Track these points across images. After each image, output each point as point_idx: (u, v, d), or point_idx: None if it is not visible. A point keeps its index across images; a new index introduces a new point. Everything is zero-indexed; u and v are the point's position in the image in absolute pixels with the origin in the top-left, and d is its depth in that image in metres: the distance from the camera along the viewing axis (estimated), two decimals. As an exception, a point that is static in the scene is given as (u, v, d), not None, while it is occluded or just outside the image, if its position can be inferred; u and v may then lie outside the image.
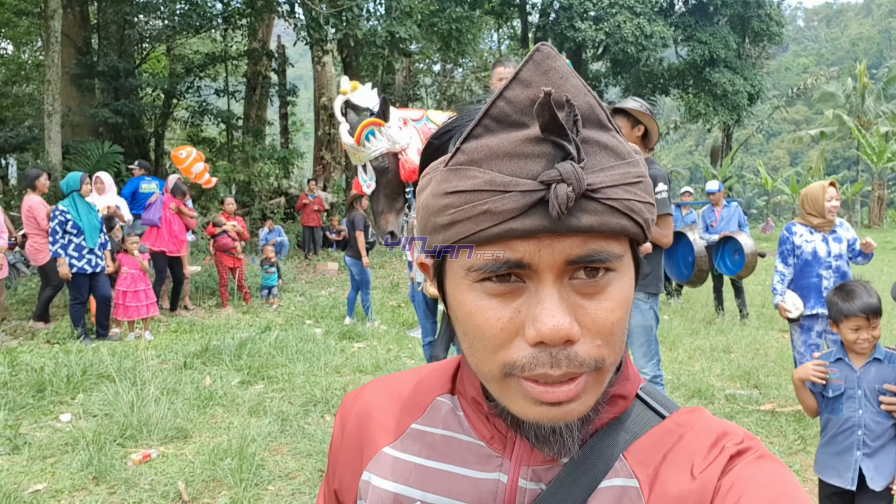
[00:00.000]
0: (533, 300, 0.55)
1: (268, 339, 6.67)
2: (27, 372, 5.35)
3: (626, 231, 0.56)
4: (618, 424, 0.65)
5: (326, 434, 4.26)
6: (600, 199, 0.54)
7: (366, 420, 0.74)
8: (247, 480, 3.52)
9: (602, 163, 0.55)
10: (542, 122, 0.53)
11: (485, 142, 0.55)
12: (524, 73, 0.55)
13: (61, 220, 6.61)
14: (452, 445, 0.68)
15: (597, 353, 0.56)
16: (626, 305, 0.59)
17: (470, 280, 0.58)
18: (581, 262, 0.55)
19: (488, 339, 0.57)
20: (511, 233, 0.54)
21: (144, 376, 5.15)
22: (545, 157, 0.54)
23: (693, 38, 25.62)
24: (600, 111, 0.57)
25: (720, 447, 0.62)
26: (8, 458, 3.89)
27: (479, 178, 0.55)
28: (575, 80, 0.56)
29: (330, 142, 23.22)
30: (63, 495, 3.45)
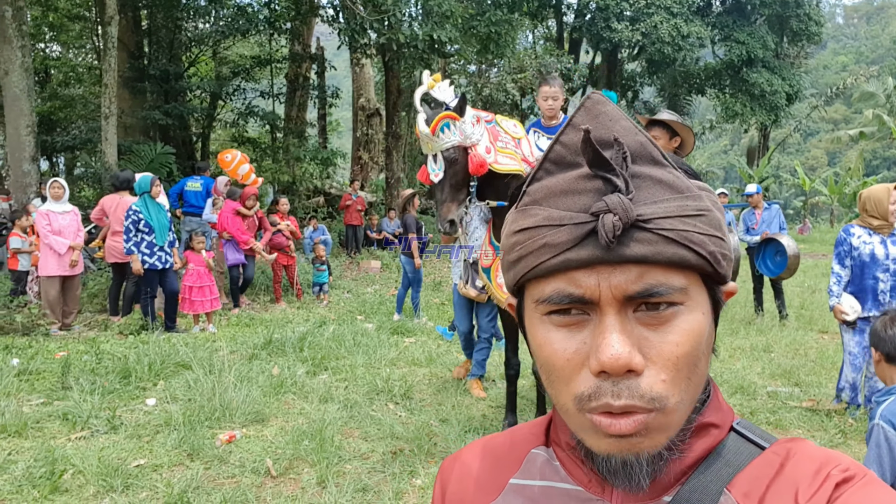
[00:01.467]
0: (596, 331, 0.57)
1: (325, 332, 7.05)
2: (112, 360, 5.79)
3: (684, 261, 0.57)
4: (717, 458, 0.64)
5: (394, 420, 4.62)
6: (652, 228, 0.56)
7: (466, 483, 0.76)
8: (327, 459, 3.89)
9: (655, 196, 0.58)
10: (587, 159, 0.57)
11: (545, 183, 0.61)
12: (577, 119, 0.61)
13: (134, 219, 7.08)
14: (552, 495, 0.69)
15: (660, 388, 0.57)
16: (696, 338, 0.59)
17: (539, 313, 0.61)
18: (640, 296, 0.57)
19: (557, 370, 0.60)
20: (567, 263, 0.57)
21: (218, 365, 5.55)
22: (596, 191, 0.57)
23: (730, 38, 25.49)
24: (652, 149, 0.60)
25: (825, 474, 0.60)
26: (108, 437, 4.30)
27: (539, 214, 0.59)
28: (625, 122, 0.60)
29: (367, 142, 23.63)
30: (163, 469, 3.84)
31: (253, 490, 3.57)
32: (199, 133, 20.74)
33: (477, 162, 3.68)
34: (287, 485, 3.68)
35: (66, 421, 4.49)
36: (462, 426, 4.51)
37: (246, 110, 19.50)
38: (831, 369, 6.13)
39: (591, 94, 0.61)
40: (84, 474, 3.67)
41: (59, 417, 4.56)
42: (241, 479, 3.73)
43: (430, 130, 3.62)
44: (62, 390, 5.13)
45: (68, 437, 4.26)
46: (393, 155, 19.16)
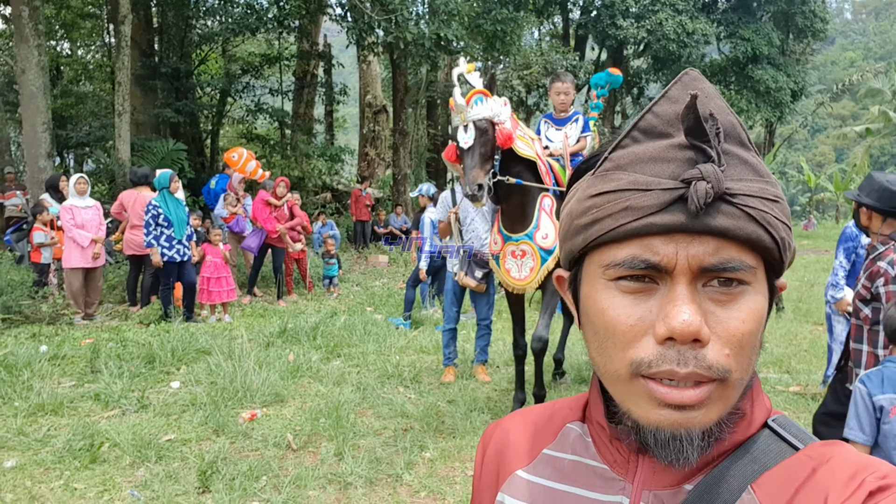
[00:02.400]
0: (665, 300, 0.58)
1: (337, 322, 7.36)
2: (136, 347, 6.11)
3: (760, 241, 0.58)
4: (744, 452, 0.64)
5: (404, 400, 4.92)
6: (737, 203, 0.57)
7: (503, 446, 0.79)
8: (343, 435, 4.19)
9: (741, 174, 0.58)
10: (686, 126, 0.57)
11: (631, 149, 0.60)
12: (672, 92, 0.60)
13: (154, 213, 7.40)
14: (580, 470, 0.71)
15: (725, 361, 0.57)
16: (759, 320, 0.59)
17: (606, 278, 0.61)
18: (714, 269, 0.57)
19: (618, 335, 0.59)
20: (650, 227, 0.57)
21: (238, 351, 5.86)
22: (687, 160, 0.57)
23: (735, 35, 25.64)
24: (741, 131, 0.60)
25: (859, 481, 0.58)
26: (138, 416, 4.62)
27: (623, 179, 0.59)
28: (719, 101, 0.60)
29: (374, 139, 23.88)
30: (191, 443, 4.15)
31: (276, 461, 3.88)
32: (209, 130, 21.05)
33: (505, 134, 4.03)
34: (307, 457, 3.99)
35: (99, 401, 4.82)
36: (468, 406, 4.81)
37: (255, 107, 19.81)
38: (822, 358, 6.38)
39: (689, 71, 0.61)
40: (120, 447, 3.99)
41: (91, 398, 4.88)
42: (263, 451, 4.04)
43: (464, 101, 3.96)
44: (91, 374, 5.45)
45: (101, 416, 4.58)
46: (400, 151, 19.44)
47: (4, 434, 4.15)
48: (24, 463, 3.80)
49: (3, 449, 4.00)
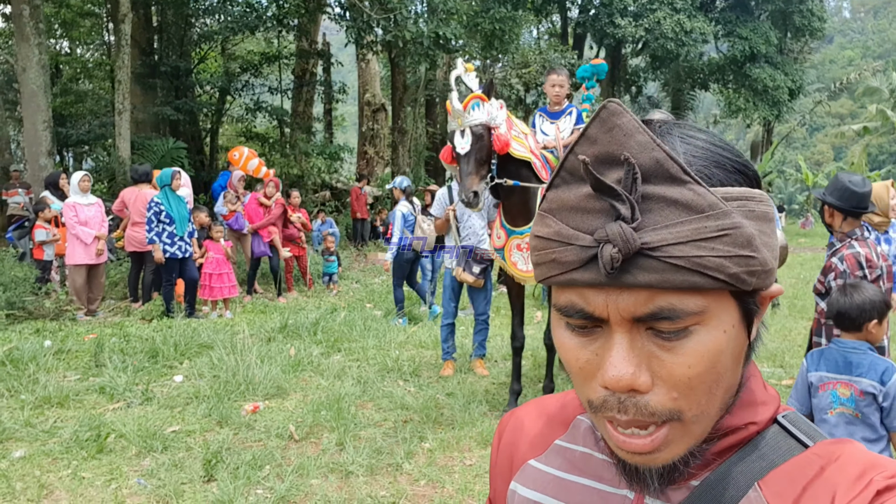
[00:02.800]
0: (604, 347, 0.58)
1: (337, 318, 7.45)
2: (139, 342, 6.19)
3: (696, 287, 0.55)
4: (752, 449, 0.63)
5: (405, 393, 5.02)
6: (659, 256, 0.54)
7: (517, 436, 0.80)
8: (344, 426, 4.28)
9: (668, 219, 0.54)
10: (591, 185, 0.55)
11: (559, 193, 0.59)
12: (590, 131, 0.57)
13: (156, 210, 7.48)
14: (589, 462, 0.71)
15: (672, 404, 0.56)
16: (711, 361, 0.57)
17: (558, 316, 0.61)
18: (648, 319, 0.55)
19: (574, 373, 0.61)
20: (573, 282, 0.57)
21: (240, 346, 5.94)
22: (604, 212, 0.55)
23: (733, 34, 25.73)
24: (671, 164, 0.55)
25: (867, 480, 0.57)
26: (142, 408, 4.70)
27: (552, 227, 0.59)
28: (640, 137, 0.55)
29: (373, 137, 23.95)
30: (195, 435, 4.24)
31: (279, 451, 3.97)
32: (208, 128, 21.12)
33: (502, 141, 4.09)
34: (309, 447, 4.08)
35: (104, 394, 4.90)
36: (466, 399, 4.90)
37: (255, 106, 19.89)
38: (816, 352, 6.49)
39: (607, 104, 0.56)
40: (125, 438, 4.08)
41: (96, 391, 4.96)
42: (266, 442, 4.13)
43: (461, 107, 4.02)
44: (96, 367, 5.54)
45: (107, 408, 4.67)
46: (399, 150, 19.53)
47: (12, 425, 4.23)
48: (33, 453, 3.89)
49: (12, 440, 4.09)
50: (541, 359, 5.74)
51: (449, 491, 3.53)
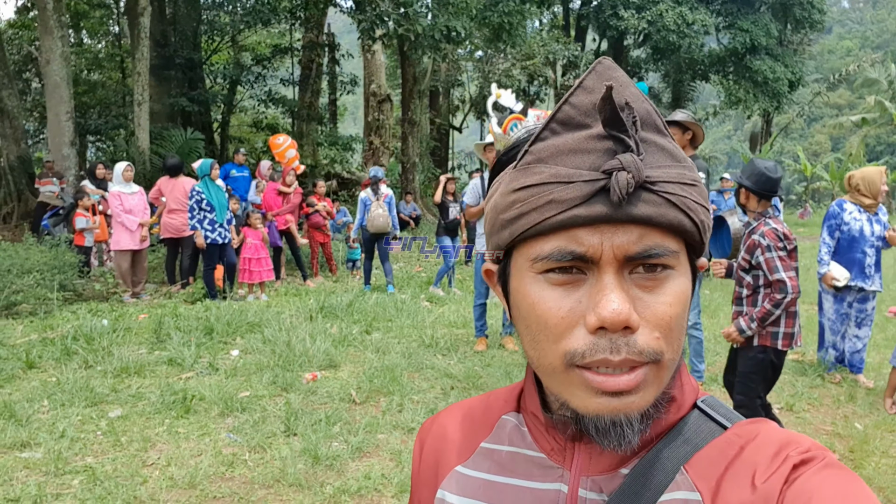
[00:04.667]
0: (594, 290, 0.59)
1: (369, 300, 7.94)
2: (191, 321, 6.67)
3: (682, 226, 0.59)
4: (677, 435, 0.66)
5: (447, 366, 5.52)
6: (658, 191, 0.58)
7: (441, 442, 0.80)
8: (400, 390, 4.78)
9: (660, 161, 0.59)
10: (604, 118, 0.57)
11: (551, 142, 0.60)
12: (587, 82, 0.60)
13: (198, 199, 7.95)
14: (517, 460, 0.72)
15: (655, 344, 0.58)
16: (684, 302, 0.61)
17: (534, 272, 0.61)
18: (640, 257, 0.58)
19: (550, 328, 0.60)
20: (574, 219, 0.58)
21: (286, 325, 6.43)
22: (606, 151, 0.58)
23: (734, 26, 26.12)
24: (657, 118, 0.61)
25: (783, 456, 0.60)
26: (211, 377, 5.19)
27: (545, 172, 0.59)
28: (634, 90, 0.60)
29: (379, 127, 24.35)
30: (265, 399, 4.73)
31: (345, 412, 4.47)
32: (219, 119, 21.52)
33: None
34: (370, 409, 4.59)
35: (174, 365, 5.39)
36: (503, 369, 5.41)
37: (267, 97, 20.29)
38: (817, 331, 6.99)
39: (602, 60, 0.61)
40: (207, 401, 4.57)
41: (165, 363, 5.46)
42: (331, 404, 4.63)
43: (501, 130, 4.50)
44: (158, 342, 6.02)
45: (179, 377, 5.17)
46: (409, 140, 19.95)
47: (102, 391, 4.73)
48: (127, 413, 4.38)
49: (104, 403, 4.58)
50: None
51: (501, 444, 4.03)
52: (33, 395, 4.67)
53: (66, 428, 4.07)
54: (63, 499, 3.29)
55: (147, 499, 3.29)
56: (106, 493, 3.30)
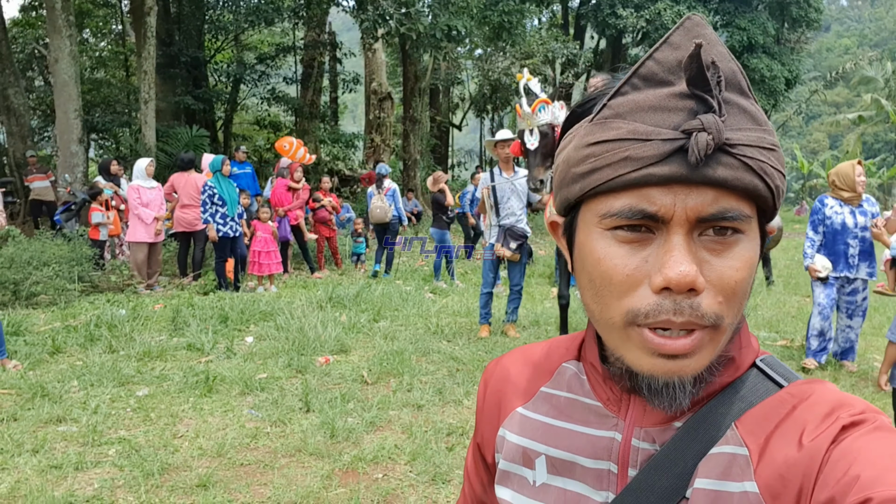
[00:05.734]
0: (661, 250, 0.58)
1: (375, 291, 8.23)
2: (206, 310, 6.95)
3: (757, 191, 0.58)
4: (732, 392, 0.66)
5: (453, 348, 5.81)
6: (736, 154, 0.56)
7: (503, 384, 0.83)
8: (409, 371, 5.08)
9: (741, 124, 0.58)
10: (689, 76, 0.56)
11: (631, 97, 0.59)
12: (674, 38, 0.59)
13: (210, 193, 8.23)
14: (575, 406, 0.74)
15: (718, 308, 0.58)
16: (752, 268, 0.60)
17: (602, 228, 0.61)
18: (712, 219, 0.57)
19: (615, 284, 0.60)
20: (649, 178, 0.57)
21: (297, 313, 6.72)
22: (688, 110, 0.57)
23: (732, 25, 26.36)
24: (742, 78, 0.59)
25: (834, 417, 0.60)
26: (229, 361, 5.48)
27: (622, 128, 0.58)
28: (721, 48, 0.59)
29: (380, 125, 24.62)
30: (281, 380, 5.02)
31: (358, 391, 4.76)
32: (223, 116, 21.78)
33: None
34: (381, 389, 4.88)
35: (193, 350, 5.68)
36: (506, 354, 5.68)
37: (272, 96, 20.57)
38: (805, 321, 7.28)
39: (691, 16, 0.59)
40: (226, 382, 4.86)
41: (184, 348, 5.74)
42: (344, 384, 4.93)
43: (530, 110, 4.82)
44: (175, 330, 6.31)
45: (199, 360, 5.45)
46: (410, 138, 20.21)
47: (128, 372, 5.01)
48: (154, 392, 4.67)
49: (131, 383, 4.87)
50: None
51: (504, 419, 4.32)
52: (63, 376, 4.95)
53: (99, 405, 4.36)
54: (102, 465, 3.58)
55: (180, 465, 3.58)
56: (141, 461, 3.58)
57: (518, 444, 0.76)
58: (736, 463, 0.62)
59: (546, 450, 0.73)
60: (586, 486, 0.70)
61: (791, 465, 0.58)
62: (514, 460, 0.76)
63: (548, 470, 0.73)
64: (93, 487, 3.33)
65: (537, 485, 0.73)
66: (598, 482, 0.69)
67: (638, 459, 0.67)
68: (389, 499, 3.30)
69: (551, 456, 0.73)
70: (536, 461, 0.74)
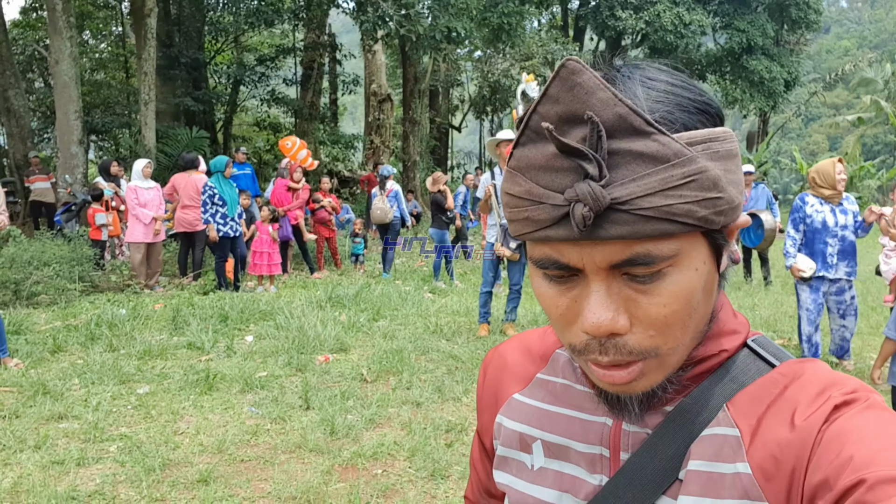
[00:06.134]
0: (581, 295, 0.60)
1: (375, 291, 8.26)
2: (205, 309, 6.99)
3: (667, 233, 0.56)
4: (723, 373, 0.66)
5: (452, 347, 5.84)
6: (629, 209, 0.55)
7: (501, 371, 0.85)
8: (408, 370, 5.11)
9: (635, 172, 0.55)
10: (557, 148, 0.55)
11: (526, 152, 0.59)
12: (552, 90, 0.57)
13: (210, 194, 8.26)
14: (569, 392, 0.76)
15: (649, 343, 0.59)
16: (685, 298, 0.59)
17: (535, 268, 0.63)
18: (624, 265, 0.57)
19: (554, 319, 0.63)
20: (548, 238, 0.58)
21: (297, 313, 6.75)
22: (573, 171, 0.56)
23: (731, 26, 26.43)
24: (634, 118, 0.55)
25: (826, 396, 0.60)
26: (229, 360, 5.51)
27: (522, 186, 0.59)
28: (602, 93, 0.55)
29: (379, 127, 24.65)
30: (282, 378, 5.05)
31: (357, 389, 4.79)
32: (222, 118, 21.82)
33: None
34: (381, 387, 4.91)
35: (194, 349, 5.71)
36: (504, 353, 5.71)
37: (271, 97, 20.61)
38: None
39: (567, 62, 0.56)
40: (226, 380, 4.89)
41: (185, 346, 5.78)
42: (344, 382, 4.95)
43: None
44: (175, 329, 6.34)
45: (199, 359, 5.48)
46: (410, 139, 20.25)
47: (129, 370, 5.04)
48: (155, 390, 4.70)
49: (131, 381, 4.90)
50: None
51: (503, 416, 4.36)
52: (64, 374, 4.99)
53: (100, 402, 4.40)
54: (104, 461, 3.61)
55: (180, 461, 3.61)
56: (143, 457, 3.61)
57: (515, 430, 0.78)
58: (727, 444, 0.62)
59: (542, 434, 0.75)
60: (581, 469, 0.71)
61: (784, 446, 0.59)
62: (511, 446, 0.78)
63: (545, 454, 0.75)
64: (94, 483, 3.36)
65: (535, 469, 0.75)
66: (591, 466, 0.71)
67: (630, 443, 0.68)
68: (389, 493, 3.33)
69: (547, 440, 0.74)
70: (533, 446, 0.76)
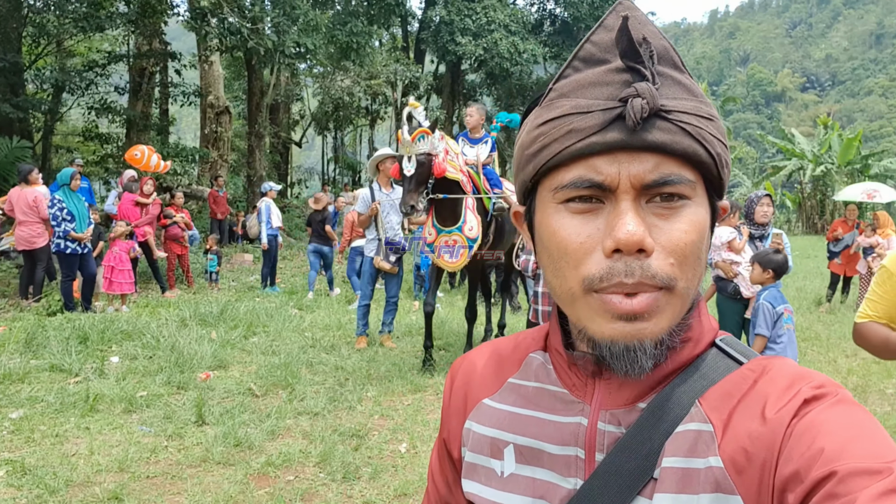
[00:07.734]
0: (611, 216, 0.61)
1: (240, 307, 8.12)
2: (62, 330, 6.54)
3: (697, 155, 0.61)
4: (693, 370, 0.67)
5: (336, 359, 5.94)
6: (673, 119, 0.60)
7: (470, 378, 0.83)
8: (299, 382, 5.16)
9: (676, 93, 0.62)
10: (620, 49, 0.60)
11: (572, 78, 0.64)
12: (608, 20, 0.64)
13: (60, 206, 7.74)
14: (542, 395, 0.74)
15: (669, 269, 0.60)
16: (701, 231, 0.63)
17: (556, 202, 0.64)
18: (655, 185, 0.60)
19: (570, 253, 0.63)
20: (593, 146, 0.60)
21: (162, 332, 6.52)
22: (624, 83, 0.61)
23: (560, 56, 28.39)
24: (675, 55, 0.64)
25: (795, 390, 0.61)
26: (101, 381, 5.25)
27: (566, 105, 0.63)
28: (652, 27, 0.63)
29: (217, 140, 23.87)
30: (165, 397, 4.91)
31: (249, 403, 4.78)
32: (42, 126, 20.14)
33: (440, 168, 5.20)
34: (272, 400, 4.93)
35: (59, 371, 5.38)
36: (387, 363, 5.92)
37: (102, 105, 19.31)
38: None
39: (623, 0, 0.64)
40: (106, 400, 4.68)
41: (47, 369, 5.41)
42: (233, 398, 4.92)
43: (410, 138, 5.06)
44: (30, 352, 5.90)
45: (68, 382, 5.17)
46: (256, 153, 19.84)
47: (-9, 396, 4.67)
48: (29, 414, 4.41)
49: None
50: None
51: (398, 420, 4.57)
52: (-89, 404, 4.52)
53: (-32, 430, 4.06)
54: (-9, 490, 3.38)
55: (83, 481, 3.47)
56: (39, 479, 3.43)
57: (485, 435, 0.77)
58: (701, 439, 0.63)
59: (514, 438, 0.74)
60: (554, 474, 0.70)
61: (754, 439, 0.60)
62: (481, 452, 0.77)
63: (516, 459, 0.73)
64: (-12, 511, 3.16)
65: (505, 475, 0.74)
66: (566, 469, 0.70)
67: (605, 443, 0.68)
68: (308, 497, 3.43)
69: (519, 444, 0.73)
70: (505, 450, 0.74)
